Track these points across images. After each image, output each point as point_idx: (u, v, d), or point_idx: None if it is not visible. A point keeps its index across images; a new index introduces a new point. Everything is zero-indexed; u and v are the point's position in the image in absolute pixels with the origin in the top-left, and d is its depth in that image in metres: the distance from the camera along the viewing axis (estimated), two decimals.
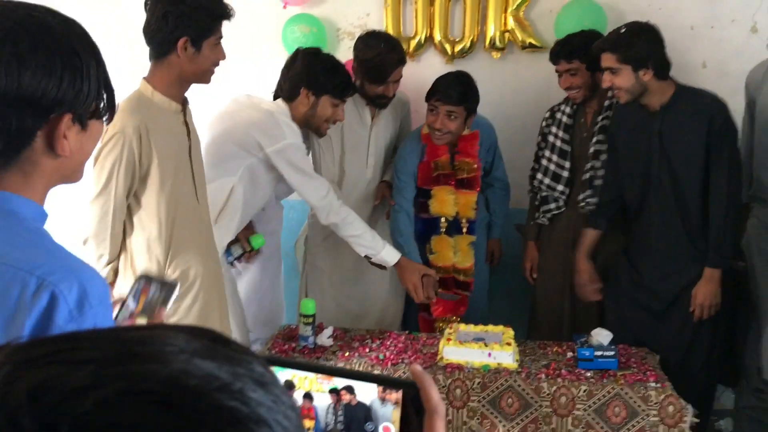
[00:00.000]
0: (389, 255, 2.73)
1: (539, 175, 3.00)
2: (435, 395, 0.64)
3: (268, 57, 3.24)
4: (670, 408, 2.28)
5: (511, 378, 2.37)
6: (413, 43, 3.29)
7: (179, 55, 2.01)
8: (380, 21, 3.33)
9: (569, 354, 2.54)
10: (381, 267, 2.81)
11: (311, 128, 2.74)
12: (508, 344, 2.47)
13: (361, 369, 2.43)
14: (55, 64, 0.91)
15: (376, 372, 2.41)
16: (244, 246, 2.65)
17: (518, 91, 3.31)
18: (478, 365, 2.42)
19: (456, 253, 2.97)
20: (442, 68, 3.30)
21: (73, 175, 1.02)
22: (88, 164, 1.07)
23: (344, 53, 3.35)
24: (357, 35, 3.37)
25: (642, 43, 2.44)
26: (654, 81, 2.47)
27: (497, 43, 3.25)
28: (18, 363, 0.40)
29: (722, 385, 2.97)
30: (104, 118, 1.00)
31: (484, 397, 2.37)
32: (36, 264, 0.89)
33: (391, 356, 2.51)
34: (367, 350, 2.57)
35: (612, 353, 2.42)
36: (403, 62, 2.86)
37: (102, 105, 0.98)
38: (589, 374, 2.39)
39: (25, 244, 0.93)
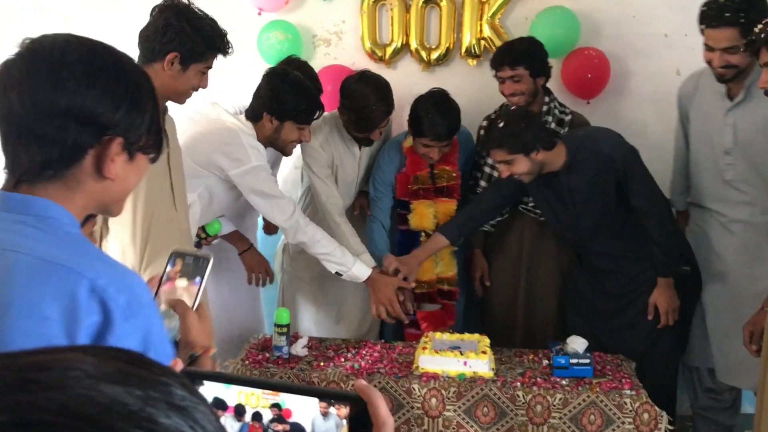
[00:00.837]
0: (360, 271, 2.70)
1: (482, 183, 2.98)
2: (383, 409, 0.63)
3: (243, 64, 3.21)
4: (645, 415, 2.28)
5: (487, 387, 2.35)
6: (389, 50, 3.28)
7: (164, 68, 2.03)
8: (356, 28, 3.32)
9: (545, 362, 2.53)
10: None
11: (276, 148, 2.70)
12: (484, 353, 2.45)
13: (336, 379, 2.41)
14: (119, 90, 1.01)
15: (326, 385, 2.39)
16: (198, 233, 2.62)
17: (494, 98, 3.30)
18: (453, 374, 2.41)
19: (438, 263, 2.95)
20: (419, 75, 3.30)
21: (112, 205, 1.08)
22: None
23: (320, 60, 3.34)
24: (333, 42, 3.36)
25: (524, 131, 2.47)
26: (547, 154, 2.52)
27: (473, 50, 3.25)
28: None
29: None
30: (150, 156, 1.09)
31: (460, 407, 2.35)
32: (84, 266, 0.93)
33: (366, 366, 2.49)
34: (342, 360, 2.54)
35: (587, 361, 2.42)
36: (390, 112, 2.80)
37: (151, 142, 1.07)
38: (564, 382, 2.38)
39: (70, 247, 0.97)
